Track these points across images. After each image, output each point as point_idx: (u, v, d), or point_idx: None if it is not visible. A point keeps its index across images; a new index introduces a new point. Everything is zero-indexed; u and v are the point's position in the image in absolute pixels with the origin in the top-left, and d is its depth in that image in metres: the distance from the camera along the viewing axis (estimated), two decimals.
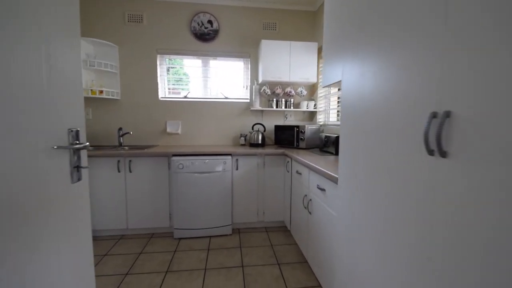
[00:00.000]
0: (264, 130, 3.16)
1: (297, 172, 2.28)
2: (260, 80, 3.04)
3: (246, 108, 3.24)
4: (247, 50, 3.17)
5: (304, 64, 2.97)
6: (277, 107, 3.16)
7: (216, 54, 3.13)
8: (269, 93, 3.09)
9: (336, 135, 2.37)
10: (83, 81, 2.69)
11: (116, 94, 2.97)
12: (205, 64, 3.18)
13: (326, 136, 2.55)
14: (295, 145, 2.87)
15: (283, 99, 3.15)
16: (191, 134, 3.17)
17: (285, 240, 2.56)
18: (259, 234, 2.70)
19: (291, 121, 3.34)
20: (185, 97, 3.18)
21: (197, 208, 2.59)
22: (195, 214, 2.59)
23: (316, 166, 1.76)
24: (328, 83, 1.78)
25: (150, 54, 3.02)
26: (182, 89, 3.25)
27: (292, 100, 3.17)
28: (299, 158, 2.19)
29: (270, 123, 3.27)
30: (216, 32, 3.08)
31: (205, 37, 3.07)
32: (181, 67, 3.25)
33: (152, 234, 2.71)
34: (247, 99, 3.26)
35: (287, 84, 3.14)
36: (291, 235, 2.64)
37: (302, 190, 2.14)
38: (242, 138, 3.13)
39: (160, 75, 3.10)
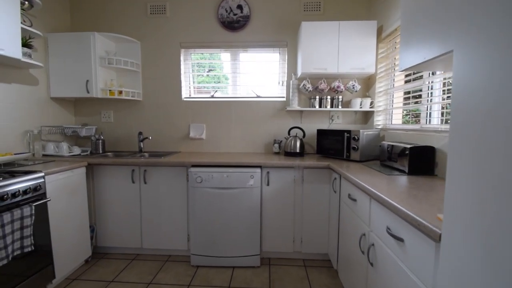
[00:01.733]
0: (304, 136, 2.55)
1: (349, 196, 1.63)
2: (299, 74, 2.45)
3: (281, 108, 2.67)
4: (283, 37, 2.61)
5: (357, 50, 2.29)
6: (320, 106, 2.52)
7: (247, 45, 2.64)
8: (310, 89, 2.47)
9: (409, 145, 1.65)
10: (101, 80, 2.44)
11: (137, 94, 2.68)
12: (234, 58, 2.71)
13: (389, 146, 1.84)
14: (344, 155, 2.20)
15: (328, 97, 2.50)
16: (216, 140, 2.73)
17: (330, 284, 1.92)
18: (295, 270, 2.10)
19: (338, 124, 2.67)
20: (212, 96, 2.76)
21: (218, 232, 2.11)
22: (216, 239, 2.11)
23: (386, 199, 1.11)
24: (415, 62, 1.14)
25: (173, 49, 2.67)
26: (210, 88, 2.83)
27: (340, 97, 2.50)
28: (352, 177, 1.54)
29: (311, 127, 2.64)
30: (246, 19, 2.59)
31: (234, 26, 2.60)
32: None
33: (168, 256, 2.32)
34: (283, 97, 2.69)
35: (335, 77, 2.48)
36: (338, 276, 1.97)
37: (358, 225, 1.49)
38: (276, 145, 2.56)
39: (184, 72, 2.73)
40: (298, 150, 2.41)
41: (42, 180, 1.68)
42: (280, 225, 2.18)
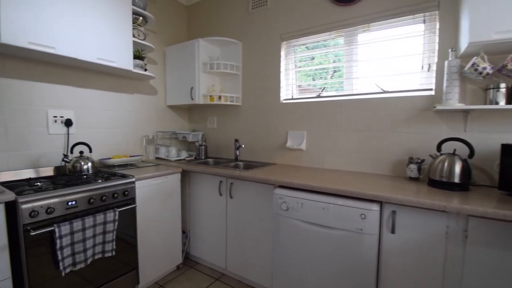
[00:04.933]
0: (471, 155, 1.45)
1: None
2: (463, 47, 1.42)
3: (425, 107, 1.69)
4: None
5: None
6: (510, 102, 1.37)
7: (369, 19, 1.86)
8: (487, 71, 1.38)
9: None
10: (204, 86, 2.40)
11: (236, 99, 2.49)
12: (350, 41, 1.99)
13: None
14: None
15: None
16: (319, 152, 2.09)
17: None
18: None
19: None
20: (318, 96, 2.16)
21: (308, 284, 1.49)
22: None
23: None
24: None
25: (273, 43, 2.28)
26: (314, 86, 2.24)
27: None
28: None
29: (488, 139, 1.50)
30: None
31: None
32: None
33: None
34: (430, 89, 1.69)
35: None
36: None
37: None
38: (413, 167, 1.62)
39: (286, 70, 2.29)
40: (457, 180, 1.39)
41: (132, 185, 1.70)
42: None
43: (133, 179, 1.71)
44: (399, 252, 1.30)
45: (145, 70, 2.19)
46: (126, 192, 1.65)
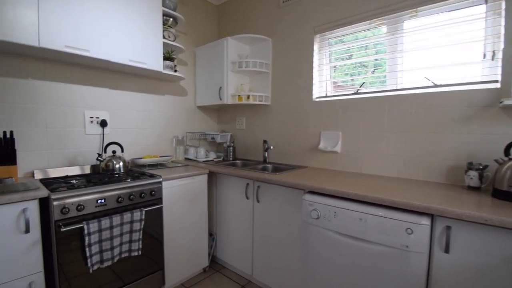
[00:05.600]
0: None
1: None
2: None
3: (487, 102, 1.41)
4: None
5: None
6: None
7: (415, 4, 1.62)
8: None
9: None
10: (232, 86, 2.35)
11: (265, 98, 2.39)
12: (394, 30, 1.77)
13: None
14: None
15: None
16: (356, 155, 1.89)
17: None
18: None
19: None
20: (357, 92, 1.96)
21: None
22: None
23: None
24: None
25: (306, 37, 2.14)
26: (350, 82, 2.05)
27: None
28: None
29: None
30: None
31: None
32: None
33: None
34: (494, 81, 1.41)
35: None
36: None
37: None
38: (473, 174, 1.36)
39: (319, 65, 2.13)
40: None
41: (159, 185, 1.69)
42: None
43: (160, 179, 1.71)
44: (454, 276, 1.08)
45: (175, 71, 2.20)
46: (153, 192, 1.65)
